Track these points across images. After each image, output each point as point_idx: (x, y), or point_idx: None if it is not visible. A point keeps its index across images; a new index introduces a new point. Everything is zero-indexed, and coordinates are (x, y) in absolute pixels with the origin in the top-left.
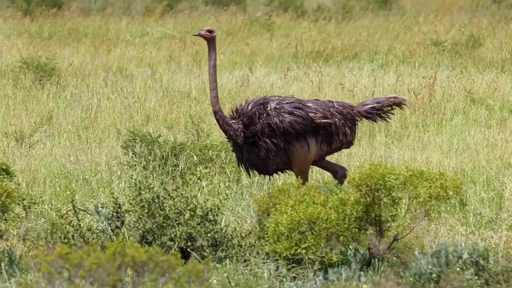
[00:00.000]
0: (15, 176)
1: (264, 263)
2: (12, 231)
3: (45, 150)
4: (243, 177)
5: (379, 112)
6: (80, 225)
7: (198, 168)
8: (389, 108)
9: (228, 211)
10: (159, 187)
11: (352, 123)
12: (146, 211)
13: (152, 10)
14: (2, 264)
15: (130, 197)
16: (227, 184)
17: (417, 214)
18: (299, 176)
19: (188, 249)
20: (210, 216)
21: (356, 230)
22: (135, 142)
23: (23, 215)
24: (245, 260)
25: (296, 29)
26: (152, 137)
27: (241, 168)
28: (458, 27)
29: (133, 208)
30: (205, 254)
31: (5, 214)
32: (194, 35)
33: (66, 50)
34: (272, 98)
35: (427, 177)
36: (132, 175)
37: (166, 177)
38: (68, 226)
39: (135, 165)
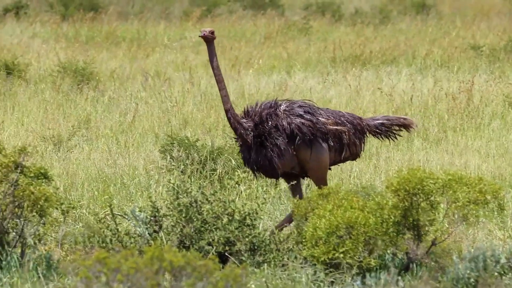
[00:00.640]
0: (53, 180)
1: (302, 267)
2: (50, 235)
3: (83, 154)
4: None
5: (387, 130)
6: (118, 229)
7: (236, 173)
8: (397, 128)
9: (266, 215)
10: (197, 191)
11: (361, 134)
12: (184, 215)
13: (190, 14)
14: (40, 269)
15: (168, 201)
16: (265, 188)
17: (455, 218)
18: (318, 183)
19: (226, 254)
20: (248, 221)
21: (394, 234)
22: (173, 146)
23: (61, 219)
24: (283, 265)
25: (333, 33)
26: (190, 141)
27: (246, 168)
28: (496, 31)
29: (171, 213)
30: (243, 258)
31: (43, 218)
32: (199, 36)
33: (103, 54)
34: (284, 101)
35: (466, 182)
36: (170, 179)
37: (204, 182)
38: (106, 230)
39: (173, 169)
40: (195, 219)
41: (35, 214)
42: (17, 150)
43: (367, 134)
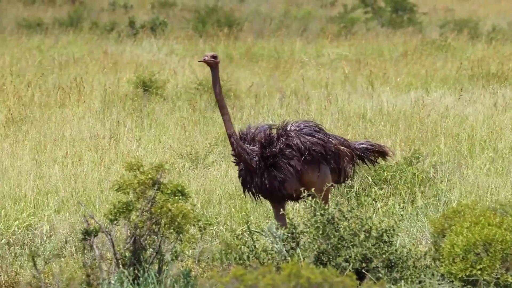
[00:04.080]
0: (190, 197)
1: (439, 284)
2: (187, 252)
3: (220, 171)
4: (418, 198)
5: (370, 155)
6: (255, 246)
7: (373, 189)
8: (376, 155)
9: (403, 232)
10: (334, 208)
11: (353, 156)
12: (321, 232)
13: (327, 32)
14: (177, 286)
15: (305, 218)
16: (401, 205)
17: None
18: (322, 199)
19: (363, 270)
20: (385, 237)
21: None
22: None
23: (198, 236)
24: (420, 282)
25: (471, 51)
26: None
27: (246, 193)
28: None
29: (308, 229)
30: (380, 275)
31: (181, 235)
32: (199, 61)
33: (240, 71)
34: (288, 121)
35: None
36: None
37: (341, 199)
38: (243, 247)
39: None
40: (332, 236)
41: (172, 231)
42: (154, 167)
43: (356, 156)
